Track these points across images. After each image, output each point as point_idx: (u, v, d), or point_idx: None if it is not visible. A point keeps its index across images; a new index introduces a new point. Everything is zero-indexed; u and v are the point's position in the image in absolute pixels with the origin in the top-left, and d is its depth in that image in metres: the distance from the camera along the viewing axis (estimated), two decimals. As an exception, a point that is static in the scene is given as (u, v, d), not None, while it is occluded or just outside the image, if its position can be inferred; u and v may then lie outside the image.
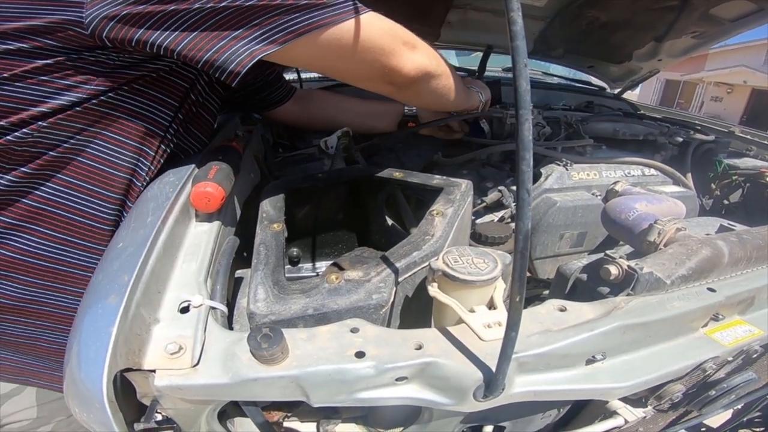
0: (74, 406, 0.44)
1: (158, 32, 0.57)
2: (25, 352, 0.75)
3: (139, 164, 0.71)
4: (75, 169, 0.66)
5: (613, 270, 0.61)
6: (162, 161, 0.74)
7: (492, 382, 0.44)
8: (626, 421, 0.71)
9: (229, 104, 1.13)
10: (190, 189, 0.65)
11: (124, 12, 0.55)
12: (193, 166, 0.73)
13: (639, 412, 0.72)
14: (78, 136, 0.64)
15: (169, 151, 0.75)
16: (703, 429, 1.10)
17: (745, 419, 1.09)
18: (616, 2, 1.68)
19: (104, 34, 0.56)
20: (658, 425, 0.86)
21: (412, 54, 0.75)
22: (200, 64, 0.60)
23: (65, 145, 0.64)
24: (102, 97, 0.63)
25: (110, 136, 0.67)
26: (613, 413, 0.72)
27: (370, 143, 1.24)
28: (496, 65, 2.27)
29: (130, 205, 0.72)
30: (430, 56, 0.80)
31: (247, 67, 0.60)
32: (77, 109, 0.62)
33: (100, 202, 0.69)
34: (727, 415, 1.08)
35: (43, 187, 0.65)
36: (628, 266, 0.61)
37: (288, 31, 0.59)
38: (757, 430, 1.24)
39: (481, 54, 1.94)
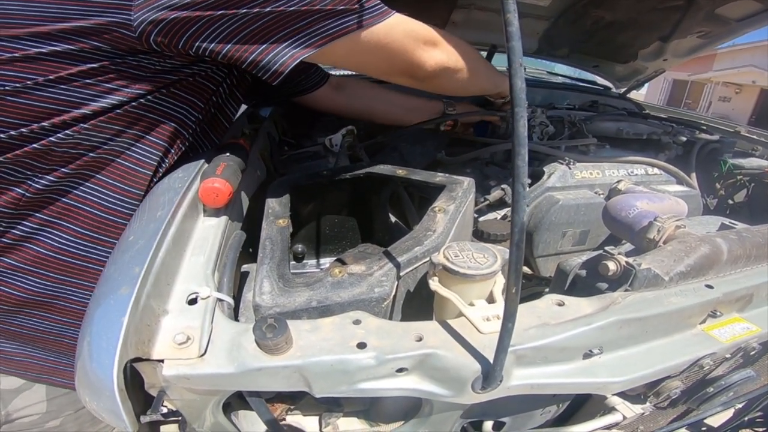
0: (85, 395, 0.45)
1: (205, 35, 0.60)
2: (50, 349, 0.77)
3: (163, 162, 0.73)
4: (110, 169, 0.69)
5: (612, 266, 0.62)
6: (176, 159, 0.77)
7: (490, 373, 0.45)
8: (624, 417, 0.71)
9: (262, 93, 1.16)
10: (199, 184, 0.67)
11: (173, 16, 0.57)
12: (201, 162, 0.75)
13: (637, 409, 0.73)
14: (117, 139, 0.66)
15: (184, 149, 0.77)
16: (704, 428, 1.11)
17: (746, 419, 1.09)
18: (620, 2, 1.68)
19: (152, 38, 0.58)
20: (658, 423, 0.86)
21: (432, 51, 0.82)
22: (245, 65, 0.63)
23: (104, 146, 0.66)
24: (141, 100, 0.65)
25: (144, 137, 0.69)
26: (611, 409, 0.72)
27: (373, 141, 1.25)
28: (500, 65, 2.28)
29: None
30: (450, 53, 0.85)
31: (289, 68, 0.64)
32: (117, 111, 0.64)
33: (127, 199, 0.71)
34: (728, 414, 1.08)
35: (78, 187, 0.68)
36: (626, 262, 0.62)
37: (326, 35, 0.64)
38: (759, 430, 1.24)
39: (485, 54, 1.95)
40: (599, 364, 0.55)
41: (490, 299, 0.56)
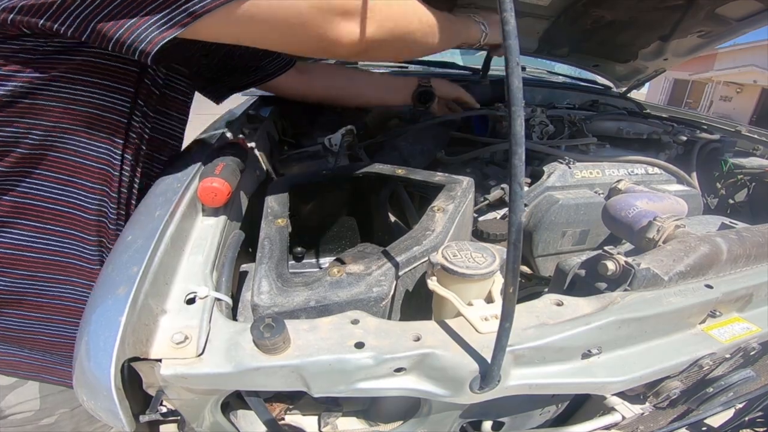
0: (82, 394, 0.45)
1: (61, 20, 0.55)
2: (32, 347, 0.77)
3: (111, 153, 0.69)
4: (49, 163, 0.66)
5: (611, 265, 0.62)
6: (144, 148, 0.73)
7: (488, 373, 0.45)
8: (623, 417, 0.71)
9: (224, 81, 1.08)
10: (198, 184, 0.66)
11: (21, 4, 0.53)
12: (200, 161, 0.75)
13: (637, 409, 0.72)
14: (37, 131, 0.63)
15: (146, 136, 0.74)
16: (704, 428, 1.10)
17: (746, 419, 1.09)
18: (621, 1, 1.67)
19: (12, 23, 0.55)
20: (658, 423, 0.86)
21: (350, 25, 0.67)
22: (110, 47, 0.58)
23: (28, 140, 0.63)
24: (45, 89, 0.61)
25: (72, 128, 0.66)
26: (611, 409, 0.72)
27: (373, 141, 1.25)
28: (502, 65, 2.27)
29: (112, 194, 0.71)
30: (379, 22, 0.70)
31: (156, 48, 0.58)
32: (25, 101, 0.61)
33: (80, 191, 0.69)
34: (728, 414, 1.07)
35: (23, 183, 0.66)
36: (626, 262, 0.61)
37: (189, 13, 0.57)
38: (759, 430, 1.23)
39: (483, 53, 1.94)
40: (598, 364, 0.55)
41: (489, 299, 0.56)
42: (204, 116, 1.24)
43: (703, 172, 1.47)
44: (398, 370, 0.48)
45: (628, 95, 2.27)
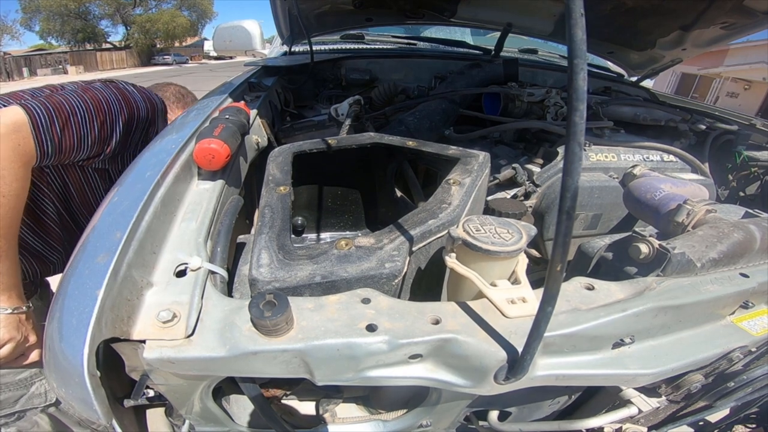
0: (53, 380, 0.39)
1: None
2: None
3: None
4: None
5: (644, 248, 0.56)
6: None
7: (517, 362, 0.40)
8: (640, 411, 0.67)
9: None
10: (194, 145, 0.60)
11: None
12: (197, 124, 0.68)
13: (654, 402, 0.68)
14: None
15: None
16: (701, 422, 1.08)
17: (742, 415, 1.06)
18: (644, -12, 1.60)
19: None
20: (658, 417, 0.82)
21: None
22: None
23: None
24: None
25: None
26: (626, 402, 0.68)
27: (381, 112, 1.19)
28: (512, 46, 2.20)
29: None
30: None
31: None
32: None
33: None
34: (725, 410, 1.05)
35: None
36: (660, 245, 0.56)
37: None
38: (751, 426, 1.22)
39: (495, 35, 1.87)
40: (629, 354, 0.50)
41: (513, 279, 0.50)
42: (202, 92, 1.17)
43: (715, 162, 1.42)
44: (414, 356, 0.43)
45: (640, 84, 2.21)
